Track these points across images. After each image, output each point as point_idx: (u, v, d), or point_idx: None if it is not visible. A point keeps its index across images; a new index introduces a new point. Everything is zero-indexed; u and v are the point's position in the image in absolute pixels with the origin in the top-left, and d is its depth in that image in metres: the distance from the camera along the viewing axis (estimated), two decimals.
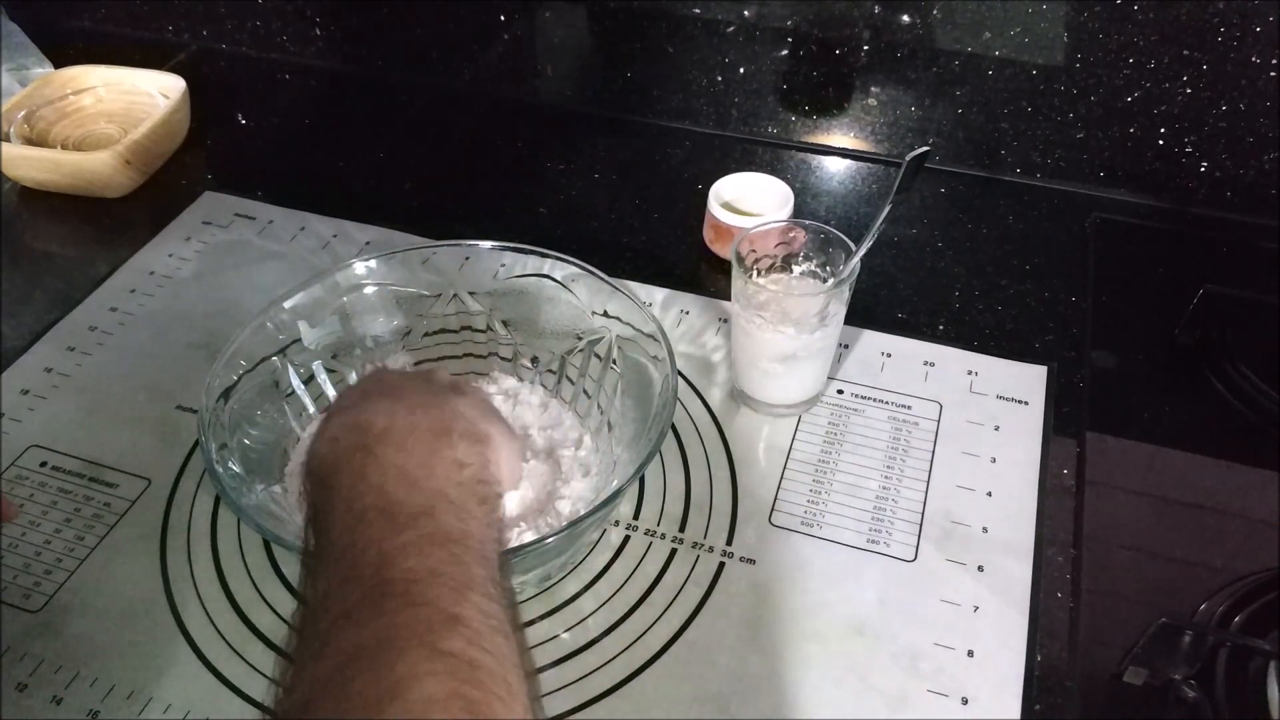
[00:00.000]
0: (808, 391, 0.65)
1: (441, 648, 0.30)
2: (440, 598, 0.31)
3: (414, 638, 0.30)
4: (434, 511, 0.35)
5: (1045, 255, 0.79)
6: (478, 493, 0.38)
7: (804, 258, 0.62)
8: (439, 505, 0.36)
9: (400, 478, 0.36)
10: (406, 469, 0.37)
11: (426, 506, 0.35)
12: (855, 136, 0.89)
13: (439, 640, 0.30)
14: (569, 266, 0.61)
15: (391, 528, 0.34)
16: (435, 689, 0.28)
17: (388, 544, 0.33)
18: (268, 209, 0.83)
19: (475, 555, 0.35)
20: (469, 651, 0.30)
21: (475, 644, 0.30)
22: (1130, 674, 0.50)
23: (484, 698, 0.29)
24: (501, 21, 0.93)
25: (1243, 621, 0.53)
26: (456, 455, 0.38)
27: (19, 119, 0.86)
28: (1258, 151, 0.78)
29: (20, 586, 0.56)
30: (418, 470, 0.37)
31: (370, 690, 0.28)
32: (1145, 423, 0.66)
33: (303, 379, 0.61)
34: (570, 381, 0.63)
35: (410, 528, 0.34)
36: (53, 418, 0.65)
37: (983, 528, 0.58)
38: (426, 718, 0.27)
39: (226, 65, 1.03)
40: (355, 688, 0.28)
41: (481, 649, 0.30)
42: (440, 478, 0.37)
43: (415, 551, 0.33)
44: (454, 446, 0.39)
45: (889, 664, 0.52)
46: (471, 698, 0.29)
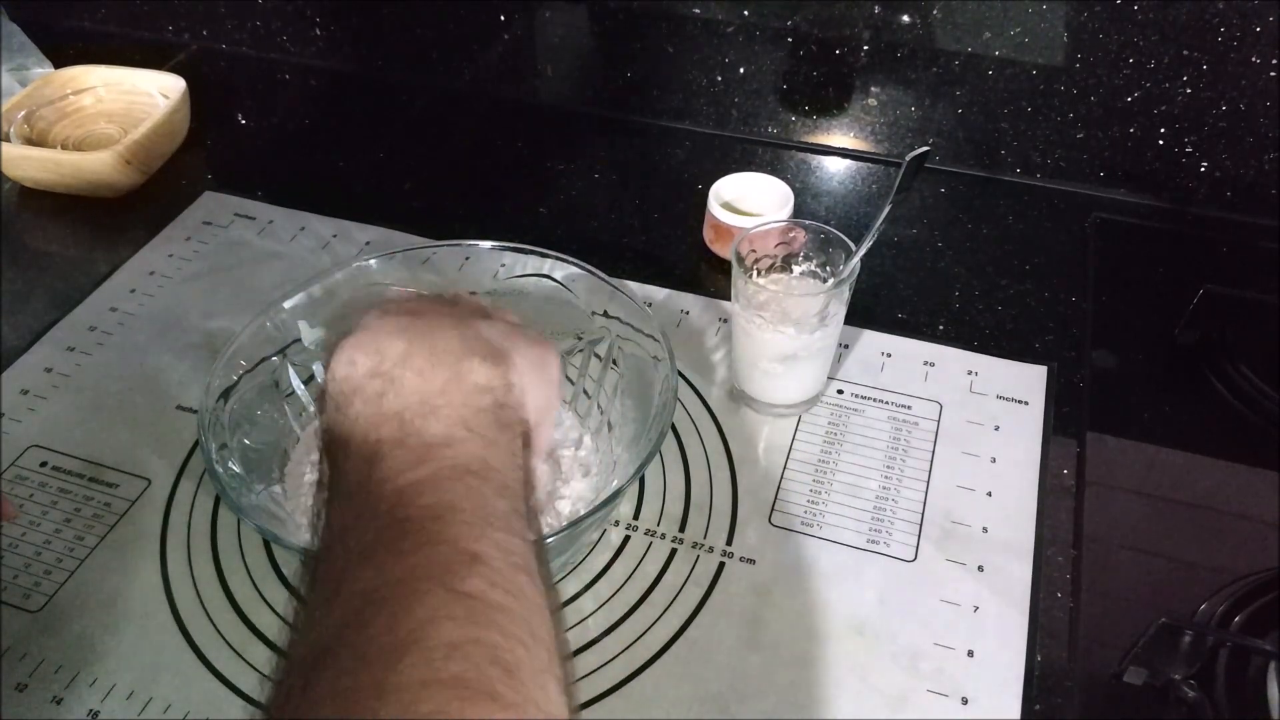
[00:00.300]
0: (808, 391, 0.65)
1: (461, 589, 0.28)
2: (459, 535, 0.30)
3: (432, 579, 0.29)
4: (452, 441, 0.34)
5: (1045, 255, 0.79)
6: (500, 418, 0.36)
7: (804, 258, 0.62)
8: (457, 434, 0.34)
9: (419, 406, 0.35)
10: (425, 396, 0.35)
11: (445, 436, 0.34)
12: (855, 136, 0.89)
13: (458, 581, 0.29)
14: (569, 266, 0.61)
15: (408, 460, 0.33)
16: (455, 634, 0.27)
17: (404, 478, 0.32)
18: (268, 209, 0.83)
19: (495, 486, 0.33)
20: (490, 593, 0.29)
21: (497, 585, 0.29)
22: (1130, 674, 0.50)
23: (505, 642, 0.28)
24: (501, 21, 0.93)
25: (1243, 621, 0.53)
26: (477, 380, 0.36)
27: (19, 119, 0.86)
28: (1258, 151, 0.78)
29: (20, 586, 0.56)
30: (437, 397, 0.35)
31: (387, 636, 0.27)
32: (1145, 423, 0.66)
33: (303, 379, 0.61)
34: (570, 381, 0.63)
35: (428, 460, 0.33)
36: (53, 418, 0.66)
37: (983, 528, 0.58)
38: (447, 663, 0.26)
39: (226, 65, 1.03)
40: (371, 633, 0.27)
41: (503, 590, 0.29)
42: (459, 405, 0.35)
43: (432, 486, 0.32)
44: (475, 371, 0.36)
45: (889, 664, 0.52)
46: (493, 641, 0.27)
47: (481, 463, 0.34)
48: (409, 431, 0.34)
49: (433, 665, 0.26)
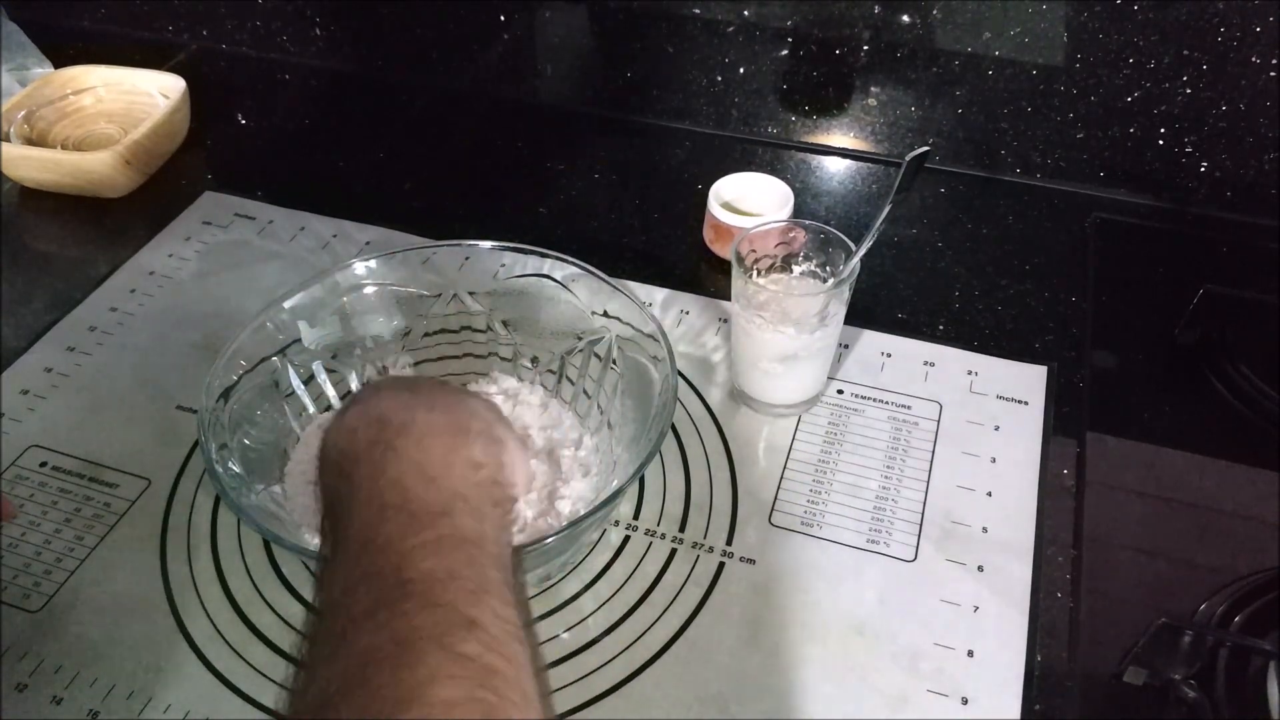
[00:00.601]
0: (808, 391, 0.65)
1: (459, 651, 0.30)
2: (458, 600, 0.32)
3: (432, 640, 0.30)
4: (452, 511, 0.35)
5: (1045, 255, 0.79)
6: (493, 495, 0.38)
7: (804, 258, 0.62)
8: (456, 505, 0.36)
9: (419, 475, 0.36)
10: (425, 466, 0.37)
11: (445, 506, 0.36)
12: (855, 136, 0.89)
13: (457, 643, 0.30)
14: (569, 266, 0.61)
15: (411, 526, 0.34)
16: (454, 692, 0.29)
17: (407, 543, 0.33)
18: (268, 209, 0.83)
19: (491, 558, 0.35)
20: (486, 657, 0.30)
21: (492, 649, 0.31)
22: (1130, 674, 0.50)
23: (500, 703, 0.29)
24: (501, 21, 0.93)
25: (1243, 621, 0.53)
26: (473, 455, 0.39)
27: (19, 119, 0.86)
28: (1258, 151, 0.78)
29: (20, 586, 0.56)
30: (436, 468, 0.37)
31: (390, 691, 0.28)
32: (1145, 423, 0.66)
33: (303, 379, 0.61)
34: (570, 381, 0.63)
35: (429, 527, 0.34)
36: (53, 418, 0.66)
37: (983, 528, 0.58)
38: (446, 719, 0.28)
39: (226, 65, 1.03)
40: (374, 688, 0.28)
41: (498, 654, 0.31)
42: (457, 477, 0.37)
43: (434, 552, 0.33)
44: (470, 446, 0.39)
45: (889, 664, 0.52)
46: (489, 702, 0.29)
47: (478, 534, 0.35)
48: (410, 498, 0.36)
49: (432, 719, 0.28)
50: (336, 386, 0.62)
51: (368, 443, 0.38)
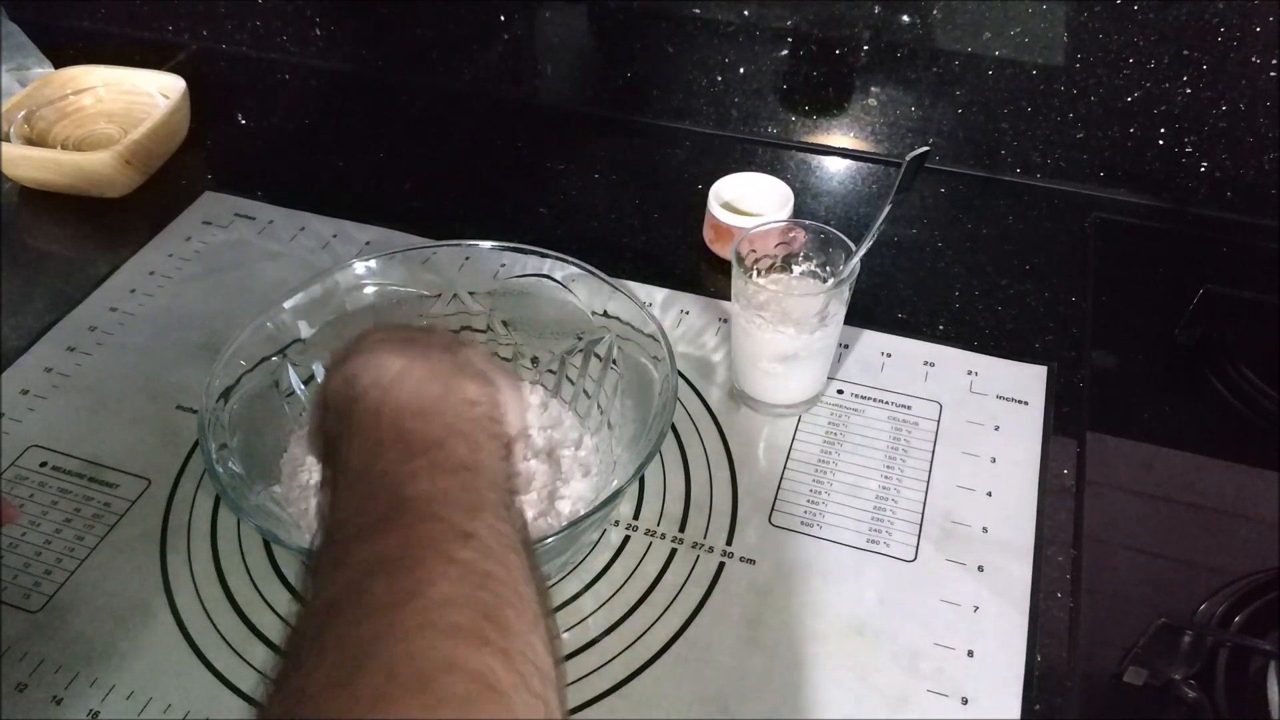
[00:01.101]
0: (808, 391, 0.65)
1: (456, 557, 0.31)
2: (453, 516, 0.33)
3: (430, 547, 0.31)
4: (445, 443, 0.37)
5: (1045, 255, 0.79)
6: (488, 429, 0.39)
7: (804, 258, 0.62)
8: (450, 438, 0.37)
9: (415, 412, 0.38)
10: (420, 404, 0.38)
11: (439, 438, 0.37)
12: (855, 136, 0.89)
13: (454, 551, 0.31)
14: (569, 266, 0.61)
15: (406, 454, 0.35)
16: (450, 590, 0.30)
17: (403, 469, 0.35)
18: (268, 209, 0.83)
19: (486, 481, 0.36)
20: (482, 563, 0.31)
21: (489, 557, 0.32)
22: (1130, 674, 0.50)
23: (497, 602, 0.30)
24: (501, 21, 0.93)
25: (1243, 621, 0.53)
26: (468, 394, 0.40)
27: (19, 119, 0.86)
28: (1258, 151, 0.78)
29: (20, 586, 0.56)
30: (431, 406, 0.38)
31: (389, 593, 0.29)
32: (1145, 423, 0.66)
33: (303, 379, 0.61)
34: (570, 381, 0.63)
35: (423, 455, 0.36)
36: (53, 418, 0.65)
37: (983, 528, 0.58)
38: (443, 613, 0.29)
39: (226, 65, 1.03)
40: (375, 591, 0.29)
41: (495, 561, 0.32)
42: (452, 414, 0.38)
43: (428, 476, 0.35)
44: (465, 386, 0.40)
45: (889, 664, 0.52)
46: (486, 601, 0.30)
47: (473, 461, 0.37)
48: (405, 430, 0.37)
49: (430, 614, 0.29)
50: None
51: (365, 385, 0.39)
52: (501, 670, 0.28)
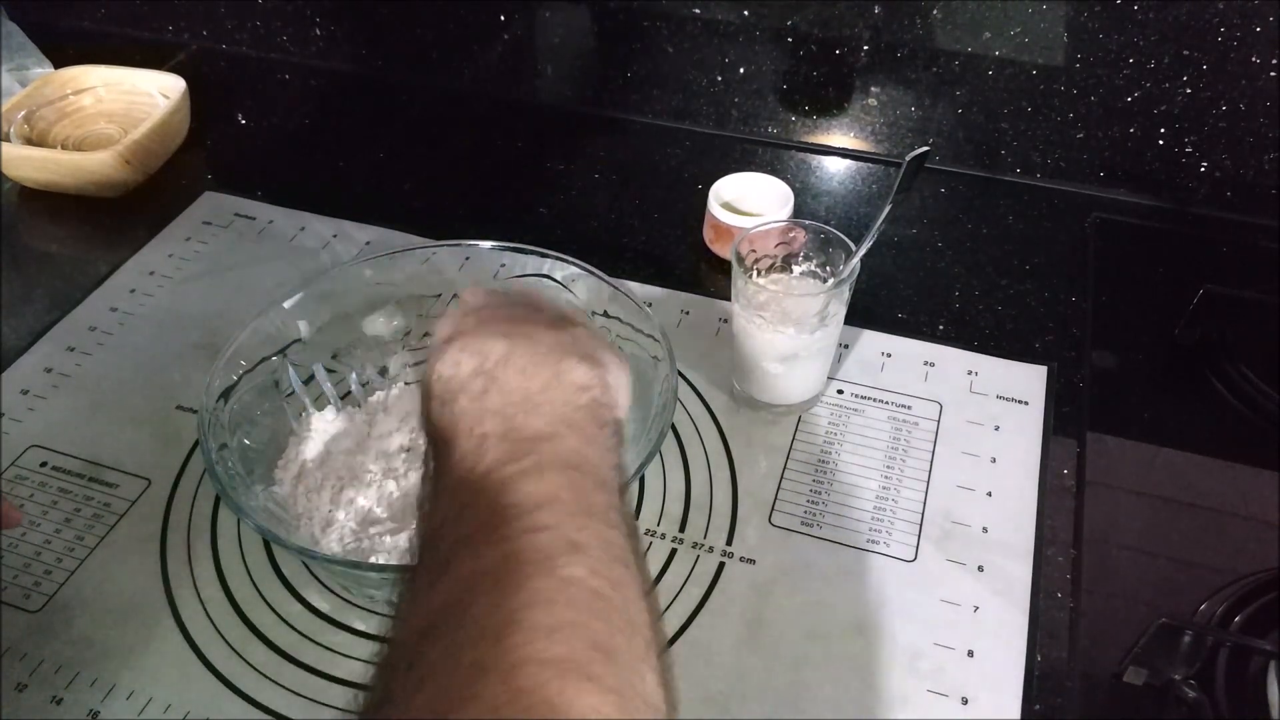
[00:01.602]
0: (808, 391, 0.65)
1: (562, 574, 0.29)
2: (561, 524, 0.31)
3: (534, 564, 0.29)
4: (554, 436, 0.35)
5: (1045, 255, 0.79)
6: (598, 416, 0.37)
7: (804, 258, 0.62)
8: (559, 430, 0.35)
9: (522, 402, 0.36)
10: (528, 393, 0.36)
11: (547, 431, 0.35)
12: (855, 136, 0.89)
13: (559, 567, 0.29)
14: (569, 266, 0.61)
15: (511, 453, 0.34)
16: (555, 617, 0.28)
17: (508, 469, 0.33)
18: (268, 209, 0.83)
19: (594, 481, 0.34)
20: (590, 580, 0.29)
21: (597, 573, 0.30)
22: (1130, 674, 0.50)
23: (605, 628, 0.28)
24: (501, 21, 0.93)
25: (1243, 621, 0.53)
26: (576, 379, 0.38)
27: (19, 119, 0.86)
28: (1258, 151, 0.78)
29: (20, 586, 0.56)
30: (539, 395, 0.36)
31: (489, 618, 0.28)
32: (1145, 423, 0.66)
33: (303, 379, 0.61)
34: None
35: (530, 453, 0.34)
36: (53, 418, 0.65)
37: (983, 528, 0.58)
38: (547, 644, 0.27)
39: (226, 65, 1.03)
40: (474, 614, 0.28)
41: (603, 578, 0.30)
42: (560, 402, 0.37)
43: (535, 477, 0.33)
44: (574, 370, 0.38)
45: (889, 664, 0.52)
46: (592, 627, 0.28)
47: (581, 457, 0.35)
48: (511, 426, 0.35)
49: (533, 646, 0.27)
50: (336, 386, 0.62)
51: (470, 373, 0.37)
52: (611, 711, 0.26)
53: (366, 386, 0.64)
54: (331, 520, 0.55)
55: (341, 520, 0.55)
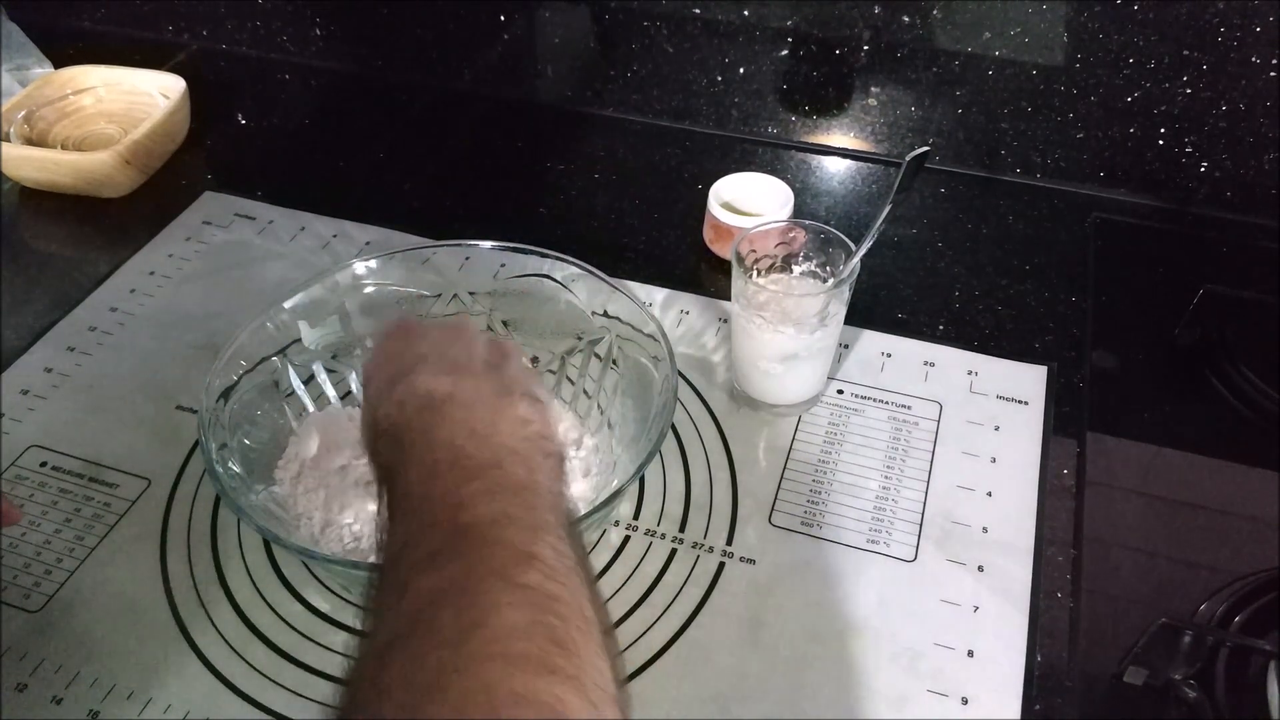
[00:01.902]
0: (808, 391, 0.65)
1: (520, 581, 0.31)
2: (515, 537, 0.33)
3: (492, 574, 0.31)
4: (502, 463, 0.37)
5: (1045, 255, 0.79)
6: (542, 447, 0.39)
7: (804, 258, 0.62)
8: (506, 458, 0.37)
9: (468, 434, 0.38)
10: (473, 426, 0.38)
11: (494, 459, 0.37)
12: (855, 136, 0.89)
13: (517, 575, 0.31)
14: (569, 266, 0.61)
15: (463, 477, 0.35)
16: (517, 618, 0.29)
17: (462, 492, 0.35)
18: (268, 209, 0.83)
19: (545, 502, 0.36)
20: (547, 585, 0.31)
21: (552, 579, 0.31)
22: (1130, 674, 0.50)
23: (563, 625, 0.30)
24: (501, 21, 0.93)
25: (1243, 621, 0.53)
26: (519, 413, 0.40)
27: (19, 119, 0.86)
28: (1258, 151, 0.78)
29: (20, 586, 0.56)
30: (484, 427, 0.38)
31: (453, 623, 0.29)
32: (1145, 423, 0.66)
33: (303, 379, 0.61)
34: (570, 381, 0.63)
35: (480, 477, 0.35)
36: (53, 418, 0.65)
37: (983, 528, 0.58)
38: (510, 642, 0.28)
39: (226, 65, 1.03)
40: (439, 622, 0.29)
41: (558, 583, 0.31)
42: (506, 433, 0.38)
43: (487, 498, 0.34)
44: (516, 406, 0.40)
45: (889, 664, 0.52)
46: (551, 625, 0.29)
47: (530, 481, 0.37)
48: (461, 455, 0.37)
49: (497, 643, 0.28)
50: (336, 386, 0.62)
51: (416, 409, 0.39)
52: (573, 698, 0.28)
53: None
54: (331, 520, 0.55)
55: (341, 520, 0.55)
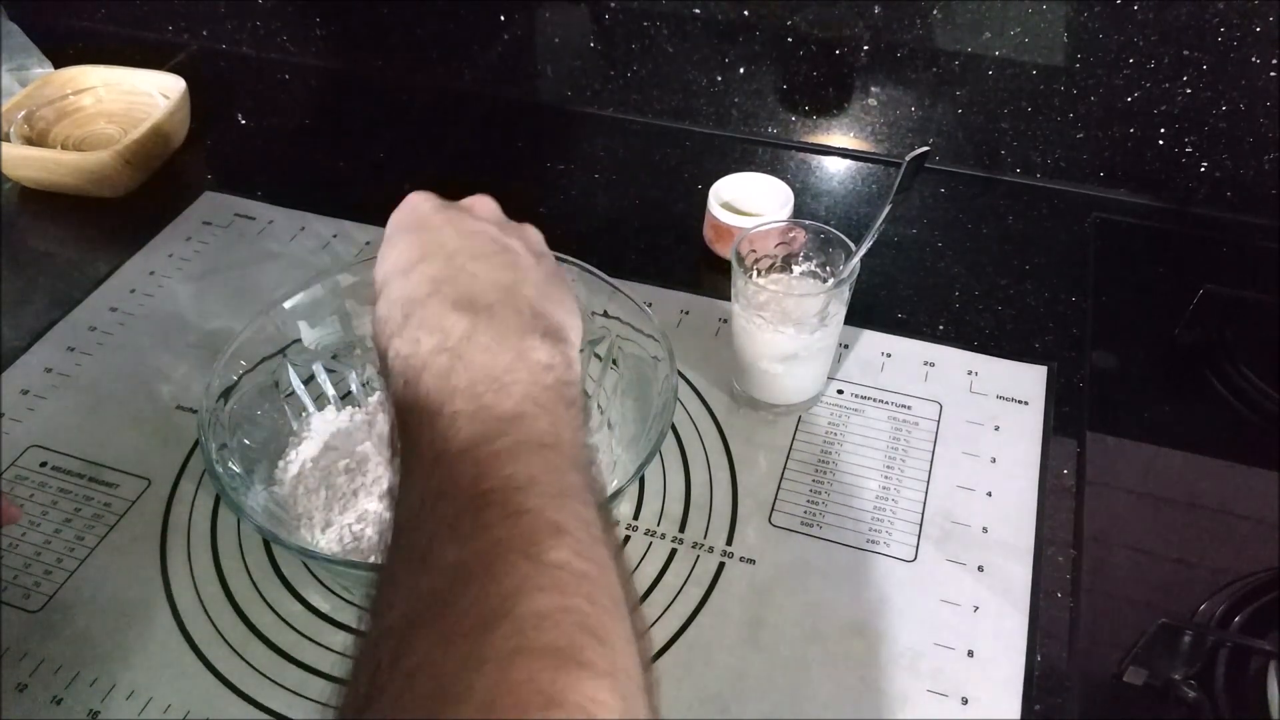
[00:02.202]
0: (808, 391, 0.65)
1: (547, 559, 0.29)
2: (542, 506, 0.31)
3: (518, 550, 0.29)
4: (525, 416, 0.34)
5: (1045, 255, 0.79)
6: (564, 395, 0.37)
7: (804, 258, 0.62)
8: (528, 410, 0.35)
9: (488, 380, 0.35)
10: (494, 372, 0.36)
11: (516, 411, 0.35)
12: (855, 136, 0.89)
13: (544, 552, 0.29)
14: (569, 266, 0.61)
15: (485, 433, 0.33)
16: (544, 603, 0.27)
17: (482, 450, 0.33)
18: (268, 209, 0.83)
19: (569, 461, 0.34)
20: (575, 563, 0.29)
21: (581, 554, 0.29)
22: (1130, 674, 0.50)
23: (593, 610, 0.28)
24: (501, 21, 0.93)
25: (1243, 621, 0.53)
26: (540, 358, 0.37)
27: (19, 119, 0.86)
28: (1258, 151, 0.78)
29: (20, 586, 0.56)
30: (505, 374, 0.36)
31: (477, 608, 0.27)
32: (1145, 423, 0.66)
33: (303, 379, 0.61)
34: None
35: (503, 434, 0.33)
36: (53, 418, 0.65)
37: (983, 528, 0.58)
38: (538, 633, 0.27)
39: (226, 65, 1.03)
40: (462, 606, 0.27)
41: (587, 559, 0.29)
42: (528, 381, 0.36)
43: (510, 458, 0.32)
44: (538, 349, 0.38)
45: (889, 664, 0.52)
46: (582, 610, 0.28)
47: (554, 437, 0.34)
48: (481, 405, 0.34)
49: (524, 635, 0.26)
50: (336, 386, 0.62)
51: (431, 350, 0.37)
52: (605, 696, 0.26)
53: (366, 386, 0.64)
54: (331, 520, 0.55)
55: (341, 520, 0.55)
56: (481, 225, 0.44)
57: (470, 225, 0.44)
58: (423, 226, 0.44)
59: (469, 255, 0.42)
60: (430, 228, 0.44)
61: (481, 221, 0.45)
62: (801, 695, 0.51)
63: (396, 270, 0.41)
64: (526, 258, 0.43)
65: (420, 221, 0.45)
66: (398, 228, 0.45)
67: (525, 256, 0.44)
